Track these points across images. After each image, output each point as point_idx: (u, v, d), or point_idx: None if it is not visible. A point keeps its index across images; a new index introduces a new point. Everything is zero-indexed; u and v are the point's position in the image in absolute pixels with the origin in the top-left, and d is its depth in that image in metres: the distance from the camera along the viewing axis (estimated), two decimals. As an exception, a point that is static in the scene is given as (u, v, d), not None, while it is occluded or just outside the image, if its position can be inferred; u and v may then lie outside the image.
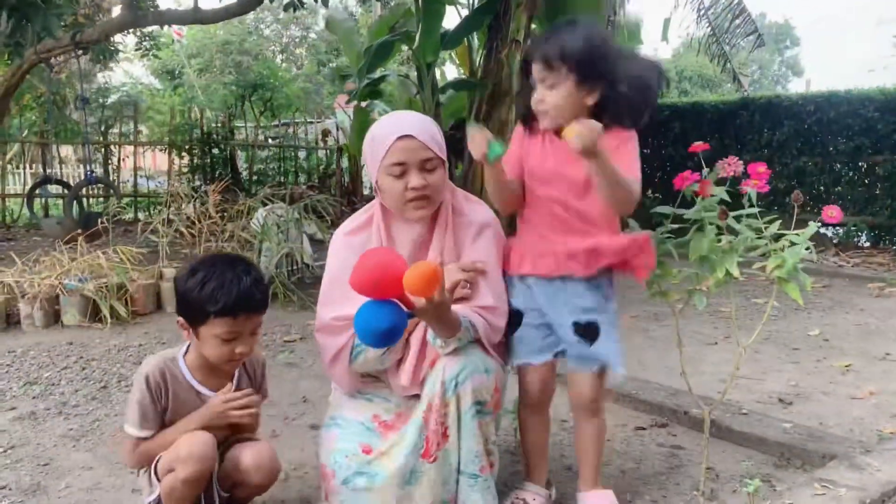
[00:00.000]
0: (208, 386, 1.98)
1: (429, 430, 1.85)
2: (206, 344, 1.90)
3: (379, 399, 2.06)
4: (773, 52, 37.27)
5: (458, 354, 1.87)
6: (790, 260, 1.96)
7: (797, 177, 8.49)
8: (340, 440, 1.95)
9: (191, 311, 1.89)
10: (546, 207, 2.00)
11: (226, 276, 1.85)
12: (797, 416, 2.98)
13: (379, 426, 1.98)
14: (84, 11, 9.48)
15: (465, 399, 1.84)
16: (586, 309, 1.99)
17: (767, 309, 2.20)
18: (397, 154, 1.88)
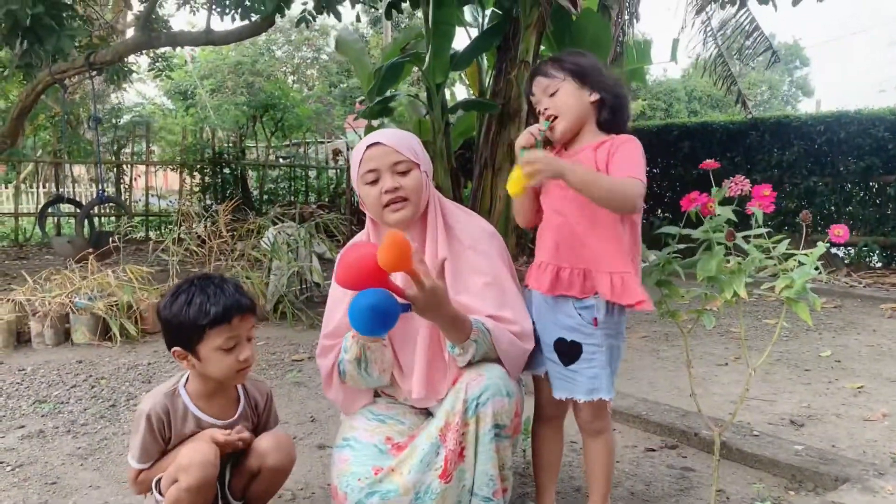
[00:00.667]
0: (211, 414, 1.98)
1: (447, 448, 1.83)
2: (209, 362, 1.88)
3: (392, 421, 2.04)
4: (783, 73, 37.27)
5: (482, 375, 1.84)
6: (799, 280, 1.95)
7: (807, 197, 8.48)
8: (353, 463, 1.93)
9: (185, 334, 1.86)
10: (554, 226, 2.00)
11: (208, 290, 1.86)
12: (809, 438, 2.95)
13: (392, 448, 1.96)
14: (98, 33, 9.61)
15: (485, 421, 1.82)
16: (572, 328, 1.97)
17: (777, 329, 2.18)
18: (368, 162, 1.94)
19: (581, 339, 1.96)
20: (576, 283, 1.96)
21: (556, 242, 1.98)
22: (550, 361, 2.03)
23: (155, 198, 12.32)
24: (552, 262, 1.98)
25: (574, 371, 1.98)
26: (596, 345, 1.96)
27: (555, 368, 2.02)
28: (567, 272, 1.96)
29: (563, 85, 1.96)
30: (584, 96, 1.97)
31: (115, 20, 11.85)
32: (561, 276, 1.96)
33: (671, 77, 33.18)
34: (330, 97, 20.26)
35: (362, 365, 1.90)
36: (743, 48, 9.96)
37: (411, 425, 2.03)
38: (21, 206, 10.95)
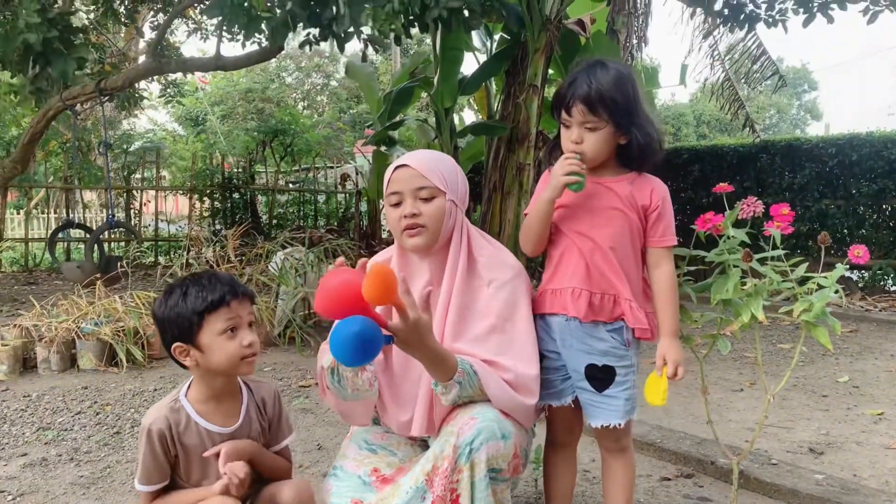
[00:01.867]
0: (215, 422, 1.90)
1: (434, 494, 1.73)
2: (212, 352, 1.82)
3: (384, 451, 1.98)
4: (791, 97, 37.31)
5: (475, 418, 1.75)
6: (818, 303, 1.90)
7: (819, 220, 8.41)
8: (335, 494, 1.87)
9: (183, 326, 1.82)
10: (584, 251, 1.94)
11: (201, 280, 1.85)
12: (829, 467, 2.87)
13: (376, 480, 1.89)
14: (111, 60, 9.70)
15: (479, 467, 1.72)
16: (604, 351, 1.93)
17: (795, 354, 2.12)
18: (393, 184, 1.91)
19: (614, 361, 1.93)
20: (606, 309, 1.92)
21: (587, 267, 1.92)
22: (582, 390, 1.97)
23: (165, 223, 12.35)
24: (585, 287, 1.92)
25: (610, 396, 1.94)
26: (628, 366, 1.94)
27: (588, 396, 1.97)
28: (599, 297, 1.92)
29: (604, 128, 1.89)
30: (616, 139, 1.93)
31: (126, 47, 11.99)
32: (593, 301, 1.92)
33: (679, 101, 33.31)
34: (339, 123, 20.38)
35: (335, 376, 1.81)
36: (750, 72, 9.97)
37: (403, 457, 1.96)
38: (32, 231, 10.99)
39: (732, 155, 9.26)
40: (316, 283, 5.68)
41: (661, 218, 1.93)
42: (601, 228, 1.92)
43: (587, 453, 2.96)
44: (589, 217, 1.94)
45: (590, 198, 1.95)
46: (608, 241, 1.91)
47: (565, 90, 1.94)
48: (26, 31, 4.59)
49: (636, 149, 1.92)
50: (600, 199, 1.94)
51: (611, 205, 1.93)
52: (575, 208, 1.96)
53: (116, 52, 10.66)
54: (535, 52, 6.83)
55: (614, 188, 1.94)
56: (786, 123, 36.91)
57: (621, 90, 1.88)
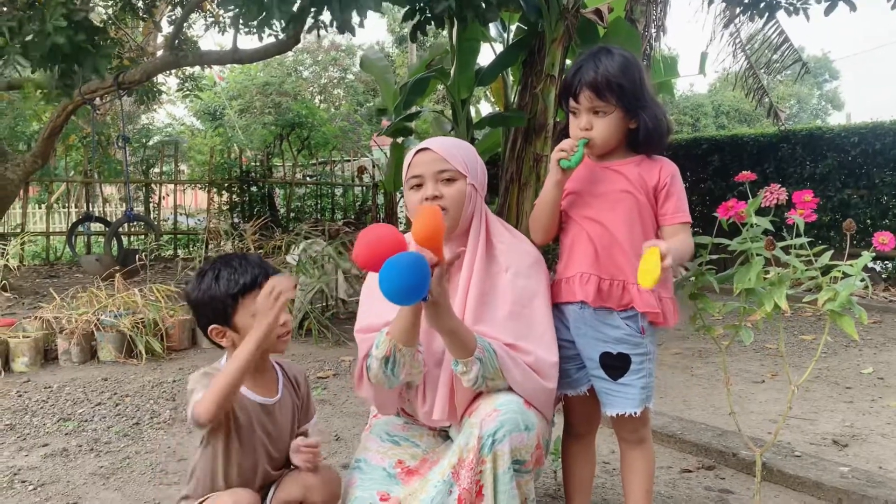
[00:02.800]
0: (256, 391, 1.91)
1: (460, 487, 1.73)
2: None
3: (407, 443, 1.97)
4: (812, 87, 36.83)
5: (497, 410, 1.74)
6: (843, 292, 1.86)
7: (842, 210, 8.30)
8: (359, 487, 1.85)
9: (219, 308, 1.84)
10: (592, 236, 1.92)
11: (232, 263, 1.86)
12: (854, 460, 2.82)
13: (401, 472, 1.87)
14: (129, 55, 9.74)
15: (503, 459, 1.72)
16: (618, 339, 1.91)
17: (820, 344, 2.08)
18: (414, 167, 1.90)
19: (629, 349, 1.91)
20: (615, 295, 1.90)
21: (596, 252, 1.91)
22: (598, 378, 1.96)
23: (183, 216, 12.41)
24: (593, 272, 1.91)
25: (625, 385, 1.92)
26: (644, 353, 1.92)
27: (604, 385, 1.95)
28: (608, 283, 1.90)
29: (612, 112, 1.88)
30: (626, 124, 1.92)
31: (145, 42, 12.04)
32: (602, 287, 1.90)
33: (698, 92, 32.99)
34: (356, 116, 20.39)
35: (388, 365, 1.78)
36: (771, 61, 9.83)
37: (426, 448, 1.95)
38: (53, 225, 11.09)
39: (752, 145, 9.16)
40: (334, 275, 5.69)
41: (670, 195, 1.90)
42: (610, 212, 1.90)
43: (607, 445, 2.94)
44: (597, 202, 1.92)
45: (597, 182, 1.94)
46: (618, 224, 1.89)
47: (571, 77, 1.93)
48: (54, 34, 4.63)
49: (645, 132, 1.90)
50: (608, 183, 1.92)
51: (619, 188, 1.91)
52: (583, 193, 1.95)
53: (135, 46, 10.70)
54: (553, 41, 6.78)
55: (622, 171, 1.92)
56: (806, 113, 36.45)
57: (627, 74, 1.88)
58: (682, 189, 1.94)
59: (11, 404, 3.72)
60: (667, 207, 1.91)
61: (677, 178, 1.93)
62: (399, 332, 1.74)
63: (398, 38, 23.39)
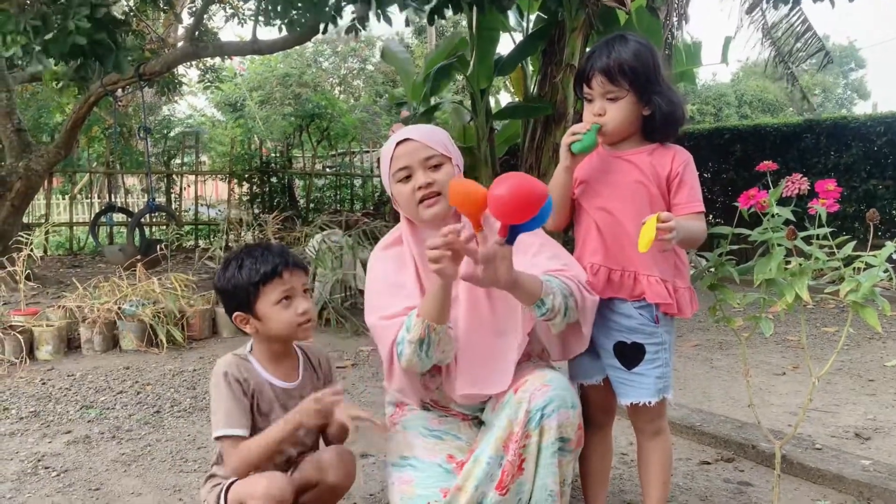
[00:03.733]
0: (279, 377, 1.97)
1: (507, 459, 1.75)
2: (269, 320, 1.89)
3: (449, 437, 1.96)
4: (837, 76, 36.30)
5: (547, 385, 1.76)
6: (866, 283, 1.83)
7: (867, 200, 8.17)
8: (418, 486, 1.84)
9: (242, 296, 1.90)
10: (602, 226, 1.92)
11: (255, 253, 1.92)
12: (876, 453, 2.79)
13: (456, 467, 1.87)
14: (150, 46, 9.81)
15: (549, 434, 1.73)
16: (632, 329, 1.90)
17: (842, 336, 2.05)
18: (399, 159, 1.91)
19: (643, 339, 1.90)
20: (627, 285, 1.89)
21: (606, 242, 1.91)
22: (612, 367, 1.96)
23: (204, 207, 12.49)
24: (603, 263, 1.91)
25: (640, 374, 1.91)
26: (659, 343, 1.90)
27: (618, 374, 1.95)
28: (619, 274, 1.89)
29: (625, 97, 1.87)
30: (639, 110, 1.89)
31: (166, 34, 12.11)
32: (612, 277, 1.90)
33: (721, 81, 32.62)
34: (376, 107, 20.39)
35: (423, 347, 1.77)
36: (794, 50, 9.69)
37: (469, 440, 1.95)
38: (76, 215, 11.22)
39: (775, 135, 9.04)
40: (352, 266, 5.71)
41: (682, 185, 1.88)
42: (621, 202, 1.89)
43: (625, 436, 2.92)
44: (608, 191, 1.91)
45: (609, 172, 1.92)
46: (629, 214, 1.87)
47: (585, 63, 1.92)
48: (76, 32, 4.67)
49: (660, 118, 1.88)
50: (620, 173, 1.91)
51: (630, 178, 1.89)
52: (595, 183, 1.94)
53: (155, 38, 10.77)
54: (573, 30, 6.73)
55: (633, 160, 1.91)
56: (831, 103, 35.92)
57: (641, 59, 1.86)
58: (696, 177, 1.92)
59: (36, 392, 3.78)
60: (680, 197, 1.89)
61: (690, 167, 1.91)
62: (431, 311, 1.74)
63: (417, 28, 23.32)
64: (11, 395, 3.72)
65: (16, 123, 7.35)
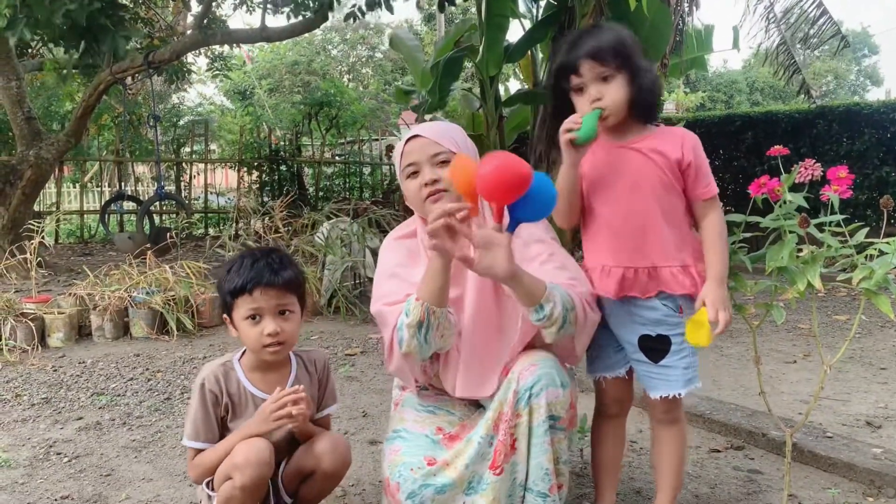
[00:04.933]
0: (263, 388, 1.95)
1: (498, 439, 1.77)
2: (241, 332, 1.91)
3: (442, 412, 1.99)
4: (850, 62, 35.97)
5: (535, 364, 1.77)
6: (879, 270, 1.81)
7: (879, 188, 8.11)
8: (405, 453, 1.86)
9: (224, 303, 1.93)
10: (617, 224, 1.89)
11: (245, 261, 1.90)
12: (888, 441, 2.77)
13: (444, 438, 1.89)
14: (159, 35, 9.81)
15: (539, 412, 1.75)
16: (656, 321, 1.88)
17: (854, 324, 2.04)
18: (408, 156, 1.91)
19: (668, 330, 1.88)
20: (641, 282, 1.86)
21: (620, 240, 1.87)
22: (638, 362, 1.94)
23: (214, 195, 12.52)
24: (616, 263, 1.88)
25: (667, 367, 1.89)
26: (683, 333, 1.87)
27: (645, 368, 1.93)
28: (633, 272, 1.86)
29: (617, 76, 1.84)
30: (630, 91, 1.86)
31: (175, 22, 12.10)
32: (626, 276, 1.87)
33: (732, 69, 32.40)
34: (384, 94, 20.35)
35: (422, 330, 1.76)
36: (808, 36, 9.57)
37: (461, 415, 1.97)
38: (87, 204, 11.27)
39: (787, 121, 8.97)
40: (361, 254, 5.71)
41: (697, 171, 1.86)
42: (637, 193, 1.85)
43: (634, 424, 2.92)
44: (621, 183, 1.87)
45: (617, 164, 1.88)
46: (643, 206, 1.84)
47: (567, 56, 1.88)
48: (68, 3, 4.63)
49: (646, 93, 1.85)
50: (627, 164, 1.87)
51: (642, 167, 1.86)
52: (604, 178, 1.89)
53: (164, 26, 10.77)
54: (583, 16, 6.66)
55: (640, 148, 1.87)
56: (844, 90, 35.62)
57: (622, 38, 1.86)
58: (705, 159, 1.89)
59: (47, 378, 3.80)
60: (697, 183, 1.87)
61: (699, 149, 1.88)
62: (430, 294, 1.74)
63: (427, 15, 23.24)
64: (24, 382, 3.74)
65: (26, 112, 7.37)
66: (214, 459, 1.89)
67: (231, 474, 1.81)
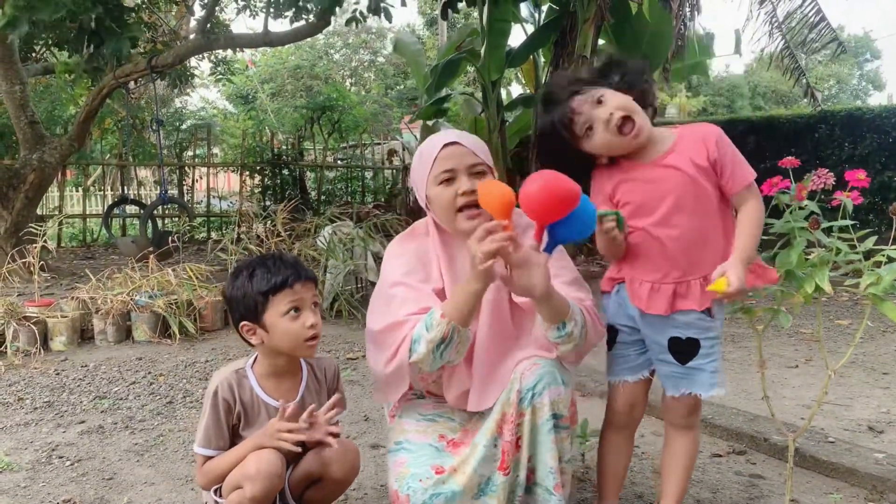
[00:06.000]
0: (276, 396, 1.95)
1: (503, 440, 1.77)
2: (276, 332, 1.87)
3: (442, 419, 1.99)
4: (852, 67, 35.96)
5: (536, 364, 1.78)
6: (887, 276, 1.80)
7: (881, 193, 8.13)
8: (412, 465, 1.85)
9: (250, 306, 1.88)
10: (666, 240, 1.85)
11: (267, 263, 1.90)
12: (890, 446, 2.77)
13: (447, 445, 1.89)
14: (162, 39, 9.84)
15: (542, 411, 1.76)
16: (688, 324, 1.87)
17: (860, 329, 2.03)
18: (445, 161, 1.86)
19: (698, 333, 1.87)
20: (695, 294, 1.85)
21: (673, 257, 1.85)
22: (663, 363, 1.93)
23: (216, 199, 12.54)
24: (665, 280, 1.86)
25: (694, 368, 1.89)
26: (713, 337, 1.88)
27: (669, 368, 1.92)
28: (685, 287, 1.85)
29: (605, 90, 1.85)
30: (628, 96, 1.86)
31: (178, 26, 12.14)
32: (679, 291, 1.86)
33: (734, 73, 32.41)
34: (386, 99, 20.39)
35: (441, 347, 1.75)
36: (807, 40, 9.58)
37: (462, 421, 1.97)
38: (89, 207, 11.28)
39: (789, 126, 8.98)
40: (363, 258, 5.72)
41: (726, 164, 1.83)
42: (678, 214, 1.82)
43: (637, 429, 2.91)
44: (661, 206, 1.84)
45: (654, 186, 1.85)
46: (688, 224, 1.82)
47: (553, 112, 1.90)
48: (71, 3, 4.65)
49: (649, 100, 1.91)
50: (664, 183, 1.84)
51: (676, 184, 1.83)
52: (644, 203, 1.86)
53: (168, 30, 10.80)
54: (585, 21, 6.69)
55: (671, 163, 1.84)
56: (846, 94, 35.61)
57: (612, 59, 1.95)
58: (733, 147, 1.86)
59: (50, 382, 3.81)
60: (727, 176, 1.84)
61: (723, 141, 1.86)
62: (460, 315, 1.73)
63: (429, 20, 23.29)
64: (26, 386, 3.75)
65: (29, 116, 7.39)
66: (224, 467, 1.89)
67: (242, 484, 1.81)
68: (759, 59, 10.37)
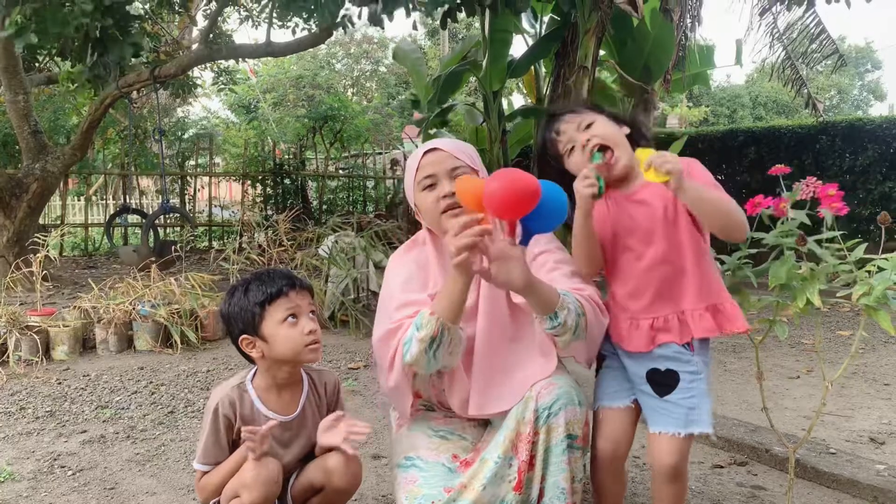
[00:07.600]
0: (277, 409, 1.96)
1: (519, 459, 1.76)
2: (276, 341, 1.89)
3: (454, 437, 1.97)
4: (853, 77, 36.00)
5: (553, 383, 1.77)
6: (879, 286, 1.82)
7: (882, 203, 8.12)
8: (423, 485, 1.84)
9: (247, 318, 1.90)
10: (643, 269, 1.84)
11: (261, 276, 1.95)
12: (891, 457, 2.77)
13: (460, 466, 1.88)
14: (165, 49, 9.88)
15: (557, 431, 1.75)
16: (667, 357, 1.82)
17: (855, 341, 2.04)
18: (426, 168, 1.92)
19: (678, 367, 1.81)
20: (674, 329, 1.82)
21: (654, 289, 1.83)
22: (643, 393, 1.88)
23: (218, 208, 12.57)
24: (644, 314, 1.84)
25: (670, 402, 1.81)
26: (694, 372, 1.81)
27: (649, 401, 1.86)
28: (662, 321, 1.83)
29: (597, 118, 1.87)
30: (619, 128, 1.88)
31: (181, 36, 12.19)
32: (656, 326, 1.83)
33: (735, 83, 32.47)
34: (388, 108, 20.42)
35: (433, 346, 1.75)
36: (808, 51, 9.63)
37: (474, 439, 1.96)
38: (91, 216, 11.31)
39: (790, 137, 8.99)
40: (365, 267, 5.73)
41: None
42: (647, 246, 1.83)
43: (637, 439, 2.91)
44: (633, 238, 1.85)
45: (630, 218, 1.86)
46: (657, 255, 1.81)
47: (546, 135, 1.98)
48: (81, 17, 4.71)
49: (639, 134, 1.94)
50: (639, 218, 1.84)
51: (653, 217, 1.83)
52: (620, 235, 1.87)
53: (170, 40, 10.85)
54: (586, 32, 6.72)
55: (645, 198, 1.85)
56: (847, 105, 35.64)
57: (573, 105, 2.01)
58: (706, 176, 1.83)
59: (52, 391, 3.82)
60: None
61: (695, 167, 1.82)
62: (447, 310, 1.73)
63: (430, 30, 23.37)
64: (28, 395, 3.76)
65: (32, 125, 7.42)
66: (218, 480, 1.90)
67: (239, 492, 1.82)
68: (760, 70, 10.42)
